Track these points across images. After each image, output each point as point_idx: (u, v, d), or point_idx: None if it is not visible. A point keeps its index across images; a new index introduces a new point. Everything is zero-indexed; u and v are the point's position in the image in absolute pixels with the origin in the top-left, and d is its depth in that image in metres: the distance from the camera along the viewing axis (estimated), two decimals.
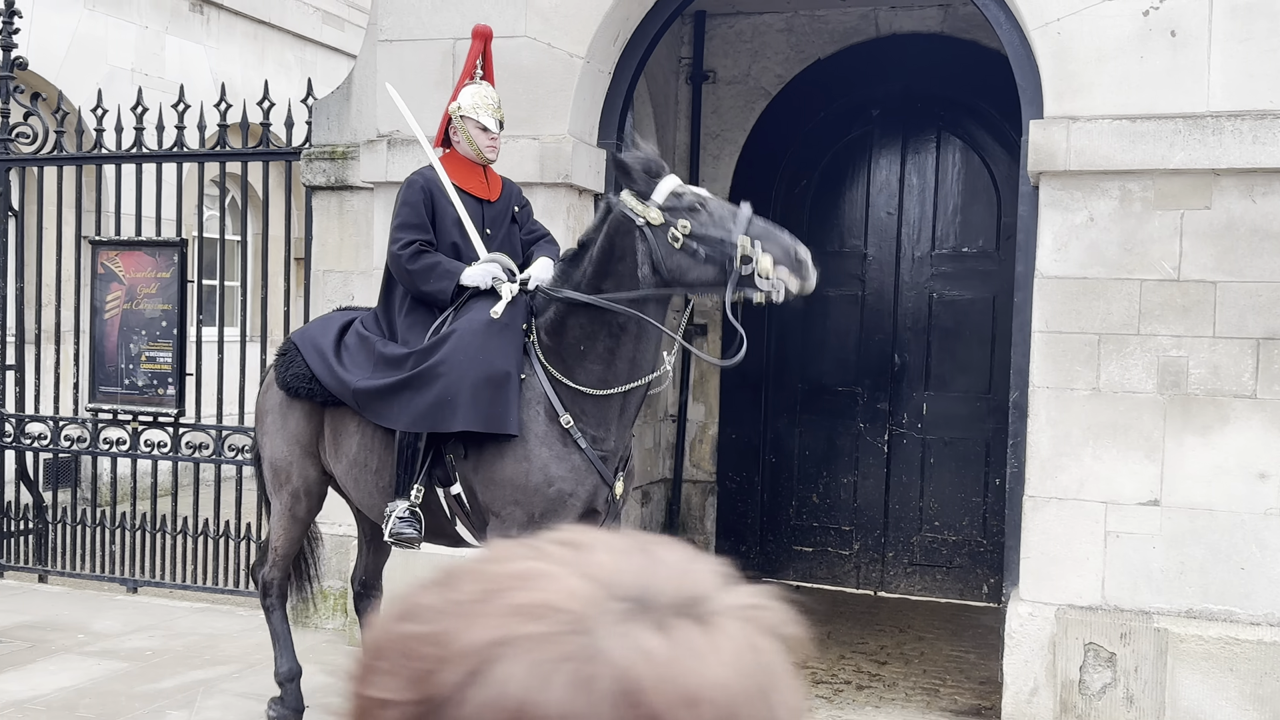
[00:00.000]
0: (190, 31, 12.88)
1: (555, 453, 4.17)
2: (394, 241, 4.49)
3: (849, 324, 8.59)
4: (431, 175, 4.63)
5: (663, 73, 8.53)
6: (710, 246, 3.93)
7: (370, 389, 4.38)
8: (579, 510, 4.22)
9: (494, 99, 4.74)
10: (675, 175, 4.09)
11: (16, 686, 5.52)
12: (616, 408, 4.25)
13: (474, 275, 4.36)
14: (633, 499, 8.18)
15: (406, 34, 6.25)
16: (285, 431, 4.86)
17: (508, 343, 4.22)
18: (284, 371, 4.82)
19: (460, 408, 4.11)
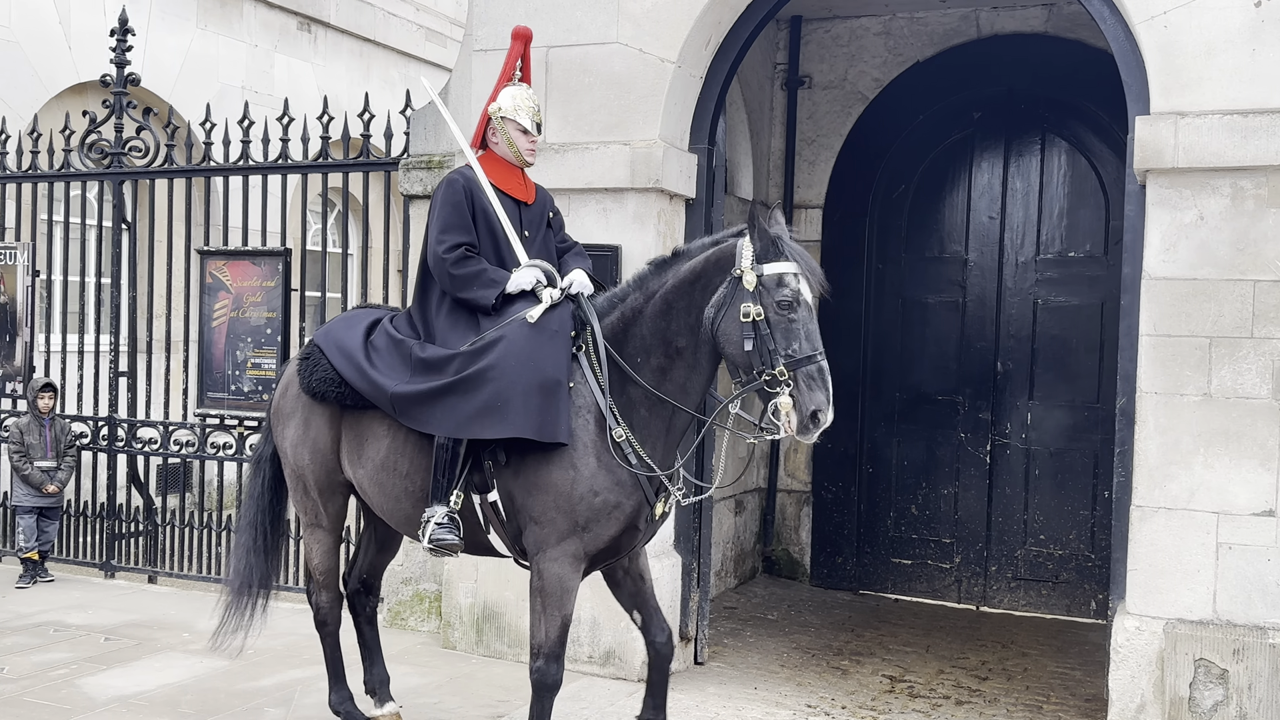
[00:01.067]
0: (298, 50, 13.24)
1: (605, 463, 4.08)
2: (439, 244, 4.36)
3: (949, 331, 8.40)
4: (471, 175, 4.51)
5: (757, 79, 8.47)
6: (761, 344, 3.87)
7: (411, 394, 4.25)
8: (623, 523, 4.13)
9: (534, 101, 4.64)
10: (797, 266, 3.92)
11: (122, 682, 5.69)
12: (663, 424, 4.16)
13: (518, 280, 4.30)
14: (725, 509, 8.12)
15: (500, 43, 6.30)
16: (308, 438, 4.72)
17: (558, 350, 4.13)
18: (308, 375, 4.66)
19: (511, 414, 4.02)
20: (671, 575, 6.23)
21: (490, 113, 4.61)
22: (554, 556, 4.11)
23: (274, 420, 4.92)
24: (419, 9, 15.14)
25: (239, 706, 5.36)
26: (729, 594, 8.20)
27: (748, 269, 3.92)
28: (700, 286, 4.05)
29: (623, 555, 4.31)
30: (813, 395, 3.83)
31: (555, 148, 6.15)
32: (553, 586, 4.12)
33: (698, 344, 4.08)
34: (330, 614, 4.97)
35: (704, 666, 6.42)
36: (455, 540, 4.24)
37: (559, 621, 4.14)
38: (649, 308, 4.16)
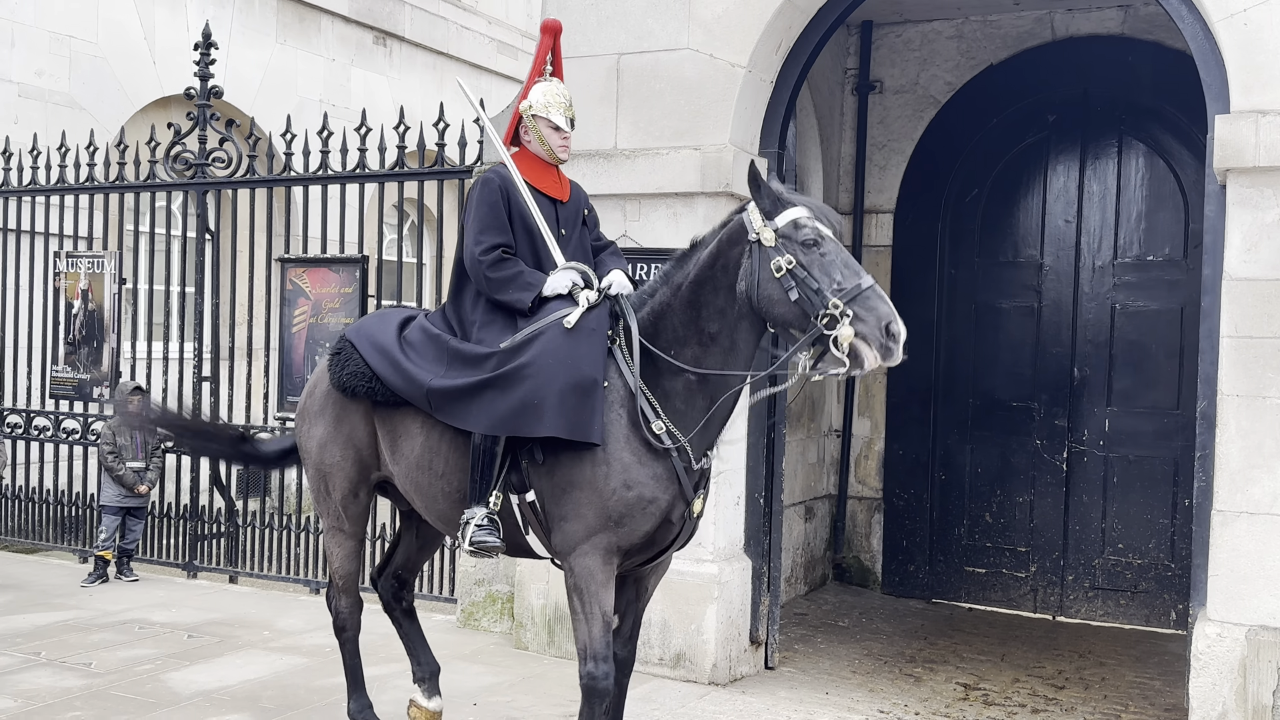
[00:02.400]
0: (374, 63, 13.51)
1: (639, 457, 4.00)
2: (476, 244, 4.27)
3: (1024, 336, 8.30)
4: (506, 174, 4.40)
5: (827, 84, 8.46)
6: (804, 290, 3.78)
7: (447, 389, 4.18)
8: (657, 518, 4.03)
9: (566, 97, 4.51)
10: (806, 208, 3.89)
11: (205, 678, 5.84)
12: (700, 416, 4.05)
13: (554, 284, 4.20)
14: (795, 515, 8.10)
15: (573, 51, 6.38)
16: (339, 435, 4.64)
17: (594, 349, 4.05)
18: (340, 371, 4.57)
19: (547, 413, 3.95)
20: (741, 579, 6.23)
21: (521, 110, 4.51)
22: (585, 551, 4.01)
23: (299, 420, 4.85)
24: (491, 22, 15.37)
25: (317, 702, 5.47)
26: (799, 600, 8.17)
27: (762, 228, 3.88)
28: (721, 266, 3.99)
29: (655, 550, 4.19)
30: (876, 311, 3.67)
31: (626, 153, 6.20)
32: (585, 581, 4.02)
33: (733, 325, 3.99)
34: (350, 619, 4.90)
35: (774, 671, 6.41)
36: (496, 542, 4.14)
37: (600, 620, 4.03)
38: (677, 300, 4.09)
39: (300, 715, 5.30)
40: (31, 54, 9.83)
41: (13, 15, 9.70)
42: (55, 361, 8.93)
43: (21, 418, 9.11)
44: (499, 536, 4.14)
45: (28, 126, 9.54)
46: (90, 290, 8.70)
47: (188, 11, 11.16)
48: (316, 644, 6.48)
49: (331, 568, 4.87)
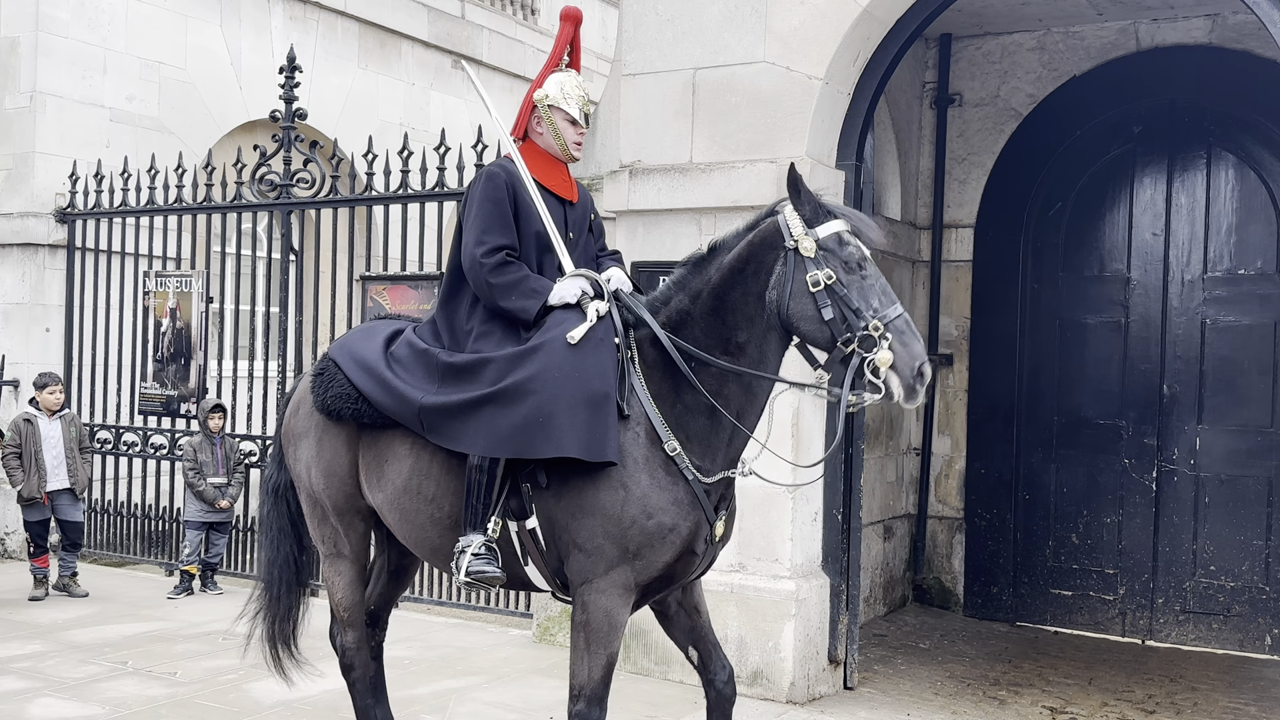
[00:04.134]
0: (452, 87, 13.70)
1: (657, 481, 3.64)
2: (478, 245, 3.89)
3: (1110, 352, 8.10)
4: (513, 169, 4.03)
5: (905, 97, 8.38)
6: (841, 309, 3.53)
7: (441, 406, 3.80)
8: (678, 548, 3.67)
9: (583, 90, 4.15)
10: (848, 221, 3.66)
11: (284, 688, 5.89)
12: (726, 433, 3.74)
13: (562, 293, 3.84)
14: (874, 534, 7.98)
15: (649, 67, 6.41)
16: (322, 460, 4.25)
17: (604, 359, 3.69)
18: (323, 392, 4.19)
19: (556, 430, 3.58)
20: (819, 597, 6.14)
21: (536, 100, 4.12)
22: (601, 588, 3.65)
23: (285, 442, 4.47)
24: None
25: (398, 713, 5.45)
26: (878, 621, 8.03)
27: (803, 236, 3.58)
28: (752, 271, 3.67)
29: (677, 585, 3.85)
30: (911, 349, 3.48)
31: (702, 167, 6.19)
32: (599, 622, 3.65)
33: (763, 335, 3.69)
34: (358, 656, 4.49)
35: (853, 692, 6.30)
36: (496, 573, 3.78)
37: (604, 661, 3.68)
38: (698, 308, 3.75)
39: None
40: (123, 80, 10.14)
41: (105, 43, 10.02)
42: (144, 378, 9.15)
43: (111, 433, 9.34)
44: (498, 566, 3.79)
45: (119, 150, 9.83)
46: (178, 309, 8.91)
47: (272, 37, 11.43)
48: (395, 656, 6.50)
49: (333, 599, 4.45)
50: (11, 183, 9.66)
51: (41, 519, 8.09)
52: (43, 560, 8.10)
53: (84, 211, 9.46)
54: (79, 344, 9.55)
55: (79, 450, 8.22)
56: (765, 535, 6.04)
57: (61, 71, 9.71)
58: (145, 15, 10.34)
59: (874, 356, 3.47)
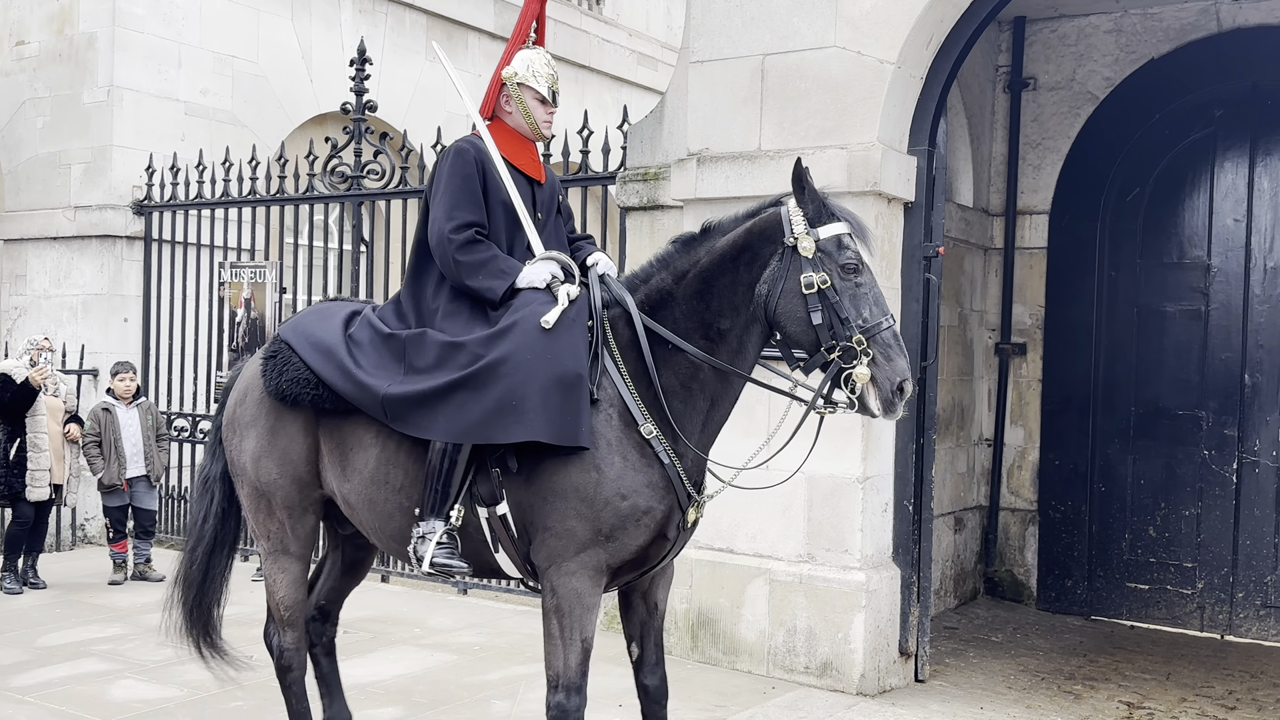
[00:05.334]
0: None
1: (631, 463, 3.56)
2: (447, 220, 3.77)
3: (1190, 341, 7.91)
4: (482, 146, 3.92)
5: (978, 82, 8.24)
6: (830, 316, 3.47)
7: (407, 395, 3.67)
8: (652, 531, 3.60)
9: (551, 67, 4.07)
10: (849, 224, 3.57)
11: (360, 672, 5.98)
12: (700, 417, 3.68)
13: (531, 276, 3.75)
14: (945, 526, 7.88)
15: (717, 54, 6.37)
16: (275, 449, 4.05)
17: (575, 340, 3.59)
18: (276, 377, 4.00)
19: (528, 415, 3.48)
20: (890, 588, 6.08)
21: (504, 78, 4.02)
22: (571, 570, 3.56)
23: (228, 431, 4.24)
24: (631, 35, 15.49)
25: (467, 698, 5.54)
26: (949, 614, 7.93)
27: (803, 234, 3.50)
28: (745, 261, 3.58)
29: (650, 568, 3.78)
30: (894, 365, 3.43)
31: (770, 154, 6.14)
32: (570, 605, 3.56)
33: (745, 325, 3.62)
34: (296, 657, 4.27)
35: (924, 684, 6.23)
36: (461, 565, 3.72)
37: (579, 647, 3.59)
38: (681, 289, 3.67)
39: (451, 710, 5.37)
40: (197, 74, 10.32)
41: (179, 37, 10.19)
42: (220, 367, 9.31)
43: (188, 422, 9.52)
44: (461, 558, 3.72)
45: (194, 143, 10.01)
46: (253, 299, 9.05)
47: (342, 31, 11.56)
48: (465, 642, 6.58)
49: (274, 598, 4.22)
50: (90, 176, 9.87)
51: (120, 505, 8.28)
52: (121, 545, 8.29)
53: (160, 204, 9.65)
54: (156, 334, 9.75)
55: (155, 438, 8.39)
56: (834, 526, 5.99)
57: (137, 66, 9.90)
58: (218, 9, 10.51)
59: (853, 370, 3.44)
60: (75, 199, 9.90)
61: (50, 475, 7.97)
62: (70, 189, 9.94)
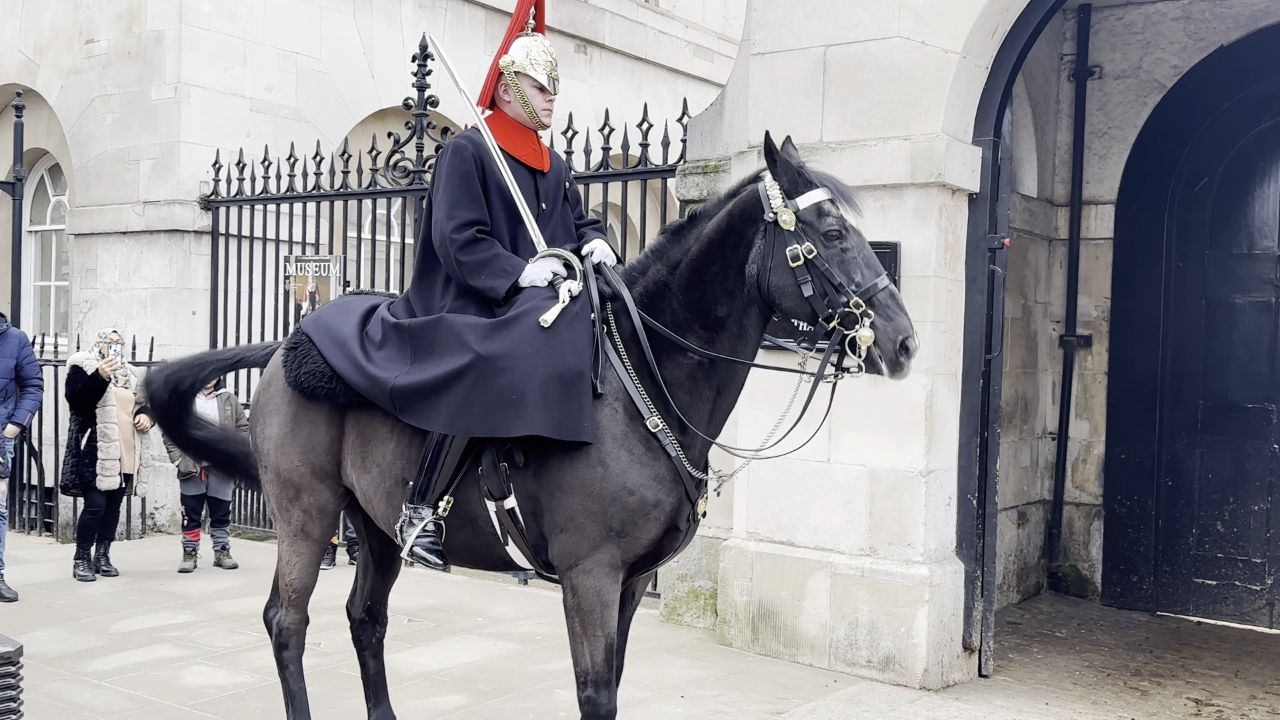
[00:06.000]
0: (575, 71, 13.78)
1: (638, 457, 3.56)
2: (448, 220, 3.78)
3: (1260, 333, 7.76)
4: (480, 140, 3.90)
5: (1042, 70, 8.13)
6: (821, 284, 3.42)
7: (412, 386, 3.68)
8: (663, 524, 3.60)
9: (550, 55, 4.00)
10: (829, 189, 3.50)
11: (425, 660, 6.07)
12: (707, 407, 3.65)
13: (532, 275, 3.74)
14: (1007, 520, 7.80)
15: (778, 45, 6.35)
16: (297, 439, 4.11)
17: (579, 335, 3.58)
18: (296, 368, 4.05)
19: (528, 409, 3.48)
20: (954, 582, 6.04)
21: (502, 66, 3.98)
22: (588, 569, 3.56)
23: (253, 417, 4.35)
24: (688, 26, 15.46)
25: (531, 687, 5.60)
26: (1012, 609, 7.86)
27: (781, 208, 3.45)
28: (731, 244, 3.55)
29: (664, 560, 3.79)
30: (896, 323, 3.37)
31: (832, 146, 6.12)
32: (590, 603, 3.57)
33: (743, 309, 3.58)
34: (296, 637, 4.30)
35: (989, 680, 6.18)
36: (438, 562, 3.76)
37: (602, 643, 3.60)
38: (675, 279, 3.63)
39: (515, 699, 5.43)
40: (262, 70, 10.48)
41: (244, 34, 10.35)
42: None
43: None
44: (441, 555, 3.75)
45: (259, 139, 10.16)
46: (317, 292, 9.18)
47: (403, 26, 11.67)
48: (528, 631, 6.65)
49: (285, 579, 4.26)
50: (158, 171, 10.07)
51: (197, 494, 8.44)
52: (194, 534, 8.47)
53: (226, 199, 9.82)
54: (223, 326, 9.93)
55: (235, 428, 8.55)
56: (897, 520, 5.96)
57: (204, 63, 10.07)
58: (282, 6, 10.66)
59: (855, 334, 3.38)
60: (144, 194, 10.10)
61: (120, 465, 8.14)
62: (139, 184, 10.14)
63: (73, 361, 8.21)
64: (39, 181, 11.81)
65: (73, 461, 8.09)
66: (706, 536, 6.96)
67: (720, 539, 6.78)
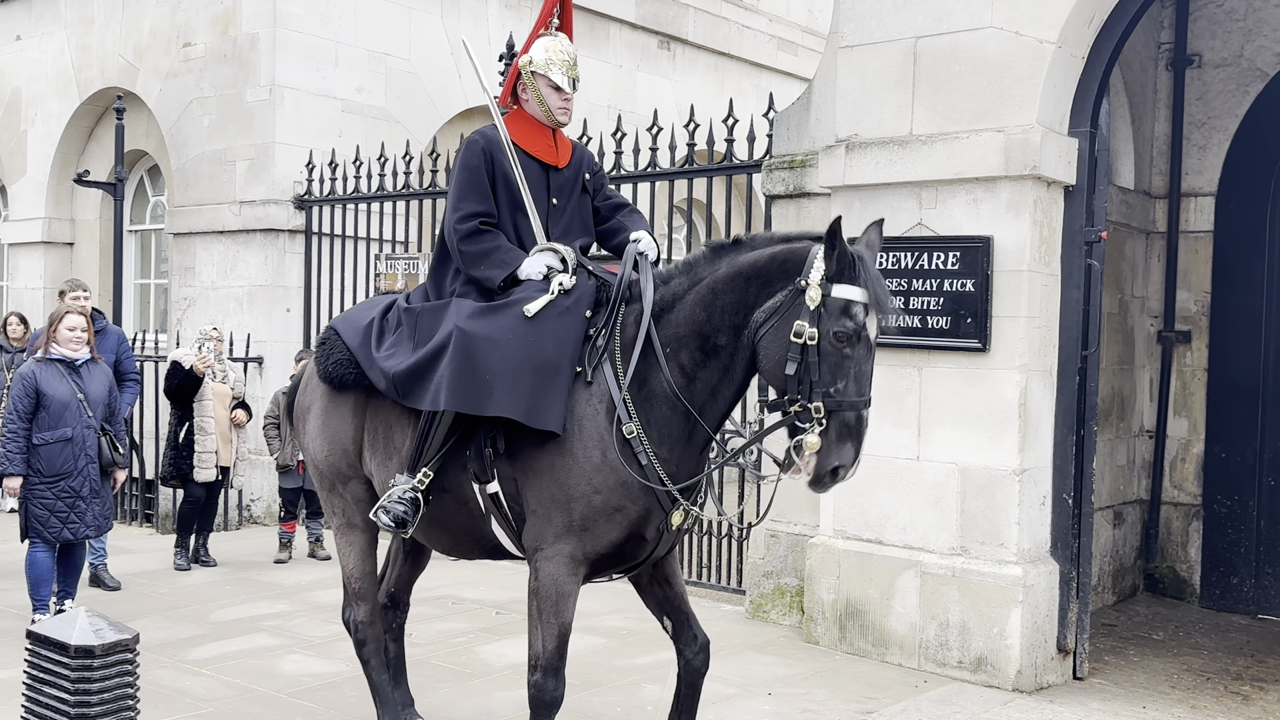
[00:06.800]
0: (658, 68, 13.80)
1: (609, 460, 3.61)
2: (454, 211, 3.93)
3: None
4: (493, 136, 4.02)
5: (1139, 59, 7.93)
6: (800, 371, 3.40)
7: (408, 370, 3.83)
8: (625, 530, 3.65)
9: (570, 55, 4.09)
10: (866, 294, 3.43)
11: (514, 652, 6.13)
12: (687, 427, 3.66)
13: (528, 269, 3.84)
14: (1103, 520, 7.63)
15: (867, 38, 6.28)
16: (327, 431, 4.26)
17: (564, 329, 3.67)
18: (325, 361, 4.21)
19: (498, 392, 3.58)
20: (1048, 583, 5.93)
21: (520, 66, 4.10)
22: (549, 556, 3.66)
23: (296, 418, 4.52)
24: (772, 20, 15.38)
25: (618, 681, 5.63)
26: (1107, 611, 7.69)
27: (814, 283, 3.41)
28: (757, 285, 3.56)
29: (635, 566, 3.85)
30: (840, 450, 3.37)
31: (922, 139, 6.04)
32: (547, 589, 3.67)
33: (737, 347, 3.60)
34: (370, 631, 4.39)
35: (1084, 682, 6.06)
36: (390, 525, 3.88)
37: (555, 631, 3.70)
38: (691, 295, 3.67)
39: (602, 692, 5.47)
40: (352, 72, 10.67)
41: (336, 37, 10.55)
42: None
43: None
44: (408, 525, 3.87)
45: (350, 139, 10.35)
46: (407, 289, 9.32)
47: (489, 26, 11.79)
48: (613, 626, 6.68)
49: (345, 570, 4.39)
50: (254, 172, 10.31)
51: (294, 487, 8.62)
52: (290, 525, 8.66)
53: (319, 198, 10.02)
54: (317, 323, 10.12)
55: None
56: (989, 519, 5.87)
57: (297, 65, 10.29)
58: (372, 8, 10.84)
59: (804, 436, 3.39)
60: (240, 194, 10.36)
61: (217, 458, 8.36)
62: (235, 185, 10.39)
63: (172, 358, 8.45)
64: (139, 182, 12.18)
65: (171, 454, 8.32)
66: (792, 534, 6.93)
67: (806, 536, 6.74)
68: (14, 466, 6.36)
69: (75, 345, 6.57)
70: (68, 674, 3.24)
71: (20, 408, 6.37)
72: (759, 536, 7.09)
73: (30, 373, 6.47)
